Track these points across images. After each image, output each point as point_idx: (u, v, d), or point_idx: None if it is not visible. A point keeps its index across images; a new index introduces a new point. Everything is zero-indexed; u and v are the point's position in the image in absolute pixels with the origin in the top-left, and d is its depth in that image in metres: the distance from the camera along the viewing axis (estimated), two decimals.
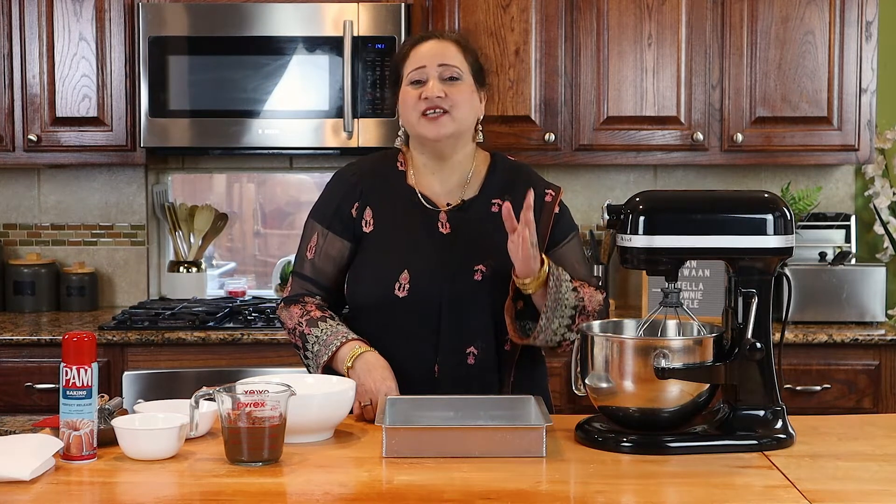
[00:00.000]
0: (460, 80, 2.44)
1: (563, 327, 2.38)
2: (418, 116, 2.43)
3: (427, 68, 2.43)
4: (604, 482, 1.89)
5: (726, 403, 2.15)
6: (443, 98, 2.41)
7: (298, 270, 2.55)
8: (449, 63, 2.43)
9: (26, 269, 4.11)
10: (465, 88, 2.44)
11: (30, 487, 1.83)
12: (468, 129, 2.49)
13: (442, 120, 2.42)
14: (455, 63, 2.44)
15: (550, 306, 2.35)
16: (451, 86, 2.43)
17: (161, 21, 3.79)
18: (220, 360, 3.58)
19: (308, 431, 2.10)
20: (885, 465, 1.98)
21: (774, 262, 2.13)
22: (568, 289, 2.37)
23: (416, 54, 2.46)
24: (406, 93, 2.45)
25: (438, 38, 2.48)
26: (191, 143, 3.84)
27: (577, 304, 2.37)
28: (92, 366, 1.97)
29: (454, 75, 2.43)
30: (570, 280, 2.40)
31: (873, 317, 3.76)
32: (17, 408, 3.52)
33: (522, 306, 2.44)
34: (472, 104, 2.47)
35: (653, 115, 3.86)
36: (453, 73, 2.43)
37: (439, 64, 2.43)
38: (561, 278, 2.37)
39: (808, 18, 3.83)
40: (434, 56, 2.44)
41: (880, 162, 4.12)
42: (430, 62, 2.43)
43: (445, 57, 2.44)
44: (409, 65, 2.46)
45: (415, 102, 2.43)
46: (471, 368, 2.42)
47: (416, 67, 2.43)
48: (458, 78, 2.44)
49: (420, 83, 2.43)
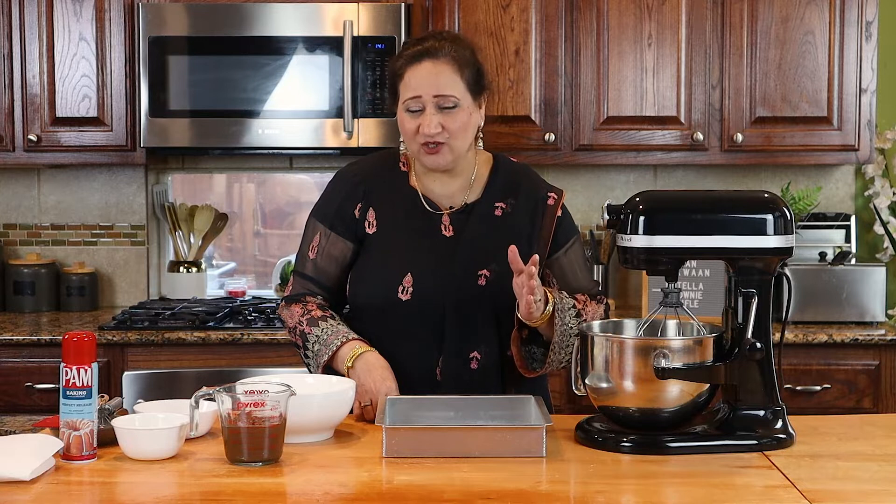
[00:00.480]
0: (457, 108, 2.39)
1: (567, 355, 2.38)
2: (417, 147, 2.41)
3: (423, 98, 2.38)
4: (604, 482, 1.89)
5: (726, 403, 2.15)
6: (440, 132, 2.38)
7: (300, 270, 2.54)
8: (444, 93, 2.38)
9: (26, 269, 4.11)
10: (461, 116, 2.39)
11: (30, 487, 1.84)
12: (468, 149, 2.47)
13: (441, 152, 2.40)
14: (450, 92, 2.38)
15: (557, 341, 2.36)
16: (447, 115, 2.38)
17: (161, 21, 3.79)
18: (220, 360, 3.58)
19: (308, 431, 2.10)
20: (885, 465, 1.98)
21: (774, 262, 2.13)
22: (572, 317, 2.38)
23: (411, 79, 2.39)
24: (404, 119, 2.41)
25: (433, 60, 2.39)
26: (191, 143, 3.84)
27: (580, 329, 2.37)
28: (92, 366, 1.97)
29: (450, 104, 2.38)
30: (574, 305, 2.40)
31: (873, 317, 3.76)
32: (17, 408, 3.52)
33: (527, 334, 2.44)
34: (471, 125, 2.43)
35: (653, 115, 3.86)
36: (450, 101, 2.38)
37: (435, 95, 2.38)
38: (565, 310, 2.37)
39: (808, 18, 3.83)
40: (430, 86, 2.38)
41: (880, 162, 4.12)
42: (426, 93, 2.37)
43: (440, 86, 2.38)
44: (405, 89, 2.40)
45: (413, 135, 2.40)
46: (474, 373, 2.42)
47: (411, 96, 2.38)
48: (455, 106, 2.39)
49: (416, 112, 2.39)
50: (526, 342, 2.44)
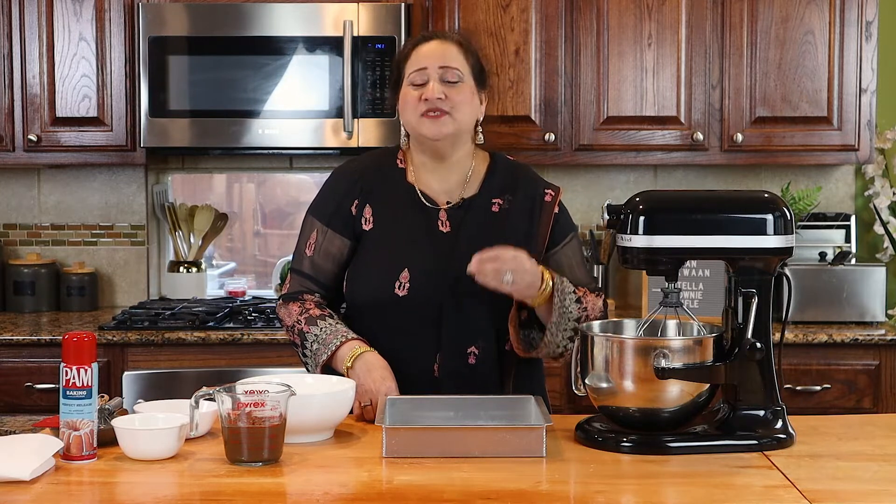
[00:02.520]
0: (461, 82, 2.44)
1: (565, 339, 2.39)
2: (419, 116, 2.43)
3: (428, 70, 2.43)
4: (604, 482, 1.89)
5: (726, 403, 2.15)
6: (443, 100, 2.41)
7: (297, 267, 2.54)
8: (450, 65, 2.43)
9: (26, 269, 4.11)
10: (465, 90, 2.44)
11: (30, 487, 1.84)
12: (468, 130, 2.49)
13: (442, 119, 2.42)
14: (456, 65, 2.44)
15: (555, 321, 2.37)
16: (451, 88, 2.43)
17: (161, 21, 3.79)
18: (220, 360, 3.58)
19: (308, 431, 2.10)
20: (885, 465, 1.98)
21: (774, 262, 2.13)
22: (572, 300, 2.38)
23: (417, 55, 2.46)
24: (407, 93, 2.45)
25: (440, 39, 2.48)
26: (191, 143, 3.84)
27: (580, 315, 2.38)
28: (92, 366, 1.97)
29: (455, 78, 2.43)
30: (574, 291, 2.40)
31: (873, 317, 3.76)
32: (17, 408, 3.52)
33: (526, 316, 2.44)
34: (473, 105, 2.47)
35: (653, 115, 3.86)
36: (454, 75, 2.43)
37: (440, 66, 2.43)
38: (565, 291, 2.37)
39: (808, 18, 3.83)
40: (435, 57, 2.44)
41: (880, 162, 4.12)
42: (431, 63, 2.43)
43: (446, 59, 2.44)
44: (411, 65, 2.45)
45: (415, 103, 2.43)
46: (472, 368, 2.42)
47: (417, 69, 2.43)
48: (459, 80, 2.44)
49: (421, 85, 2.43)
50: (525, 325, 2.44)
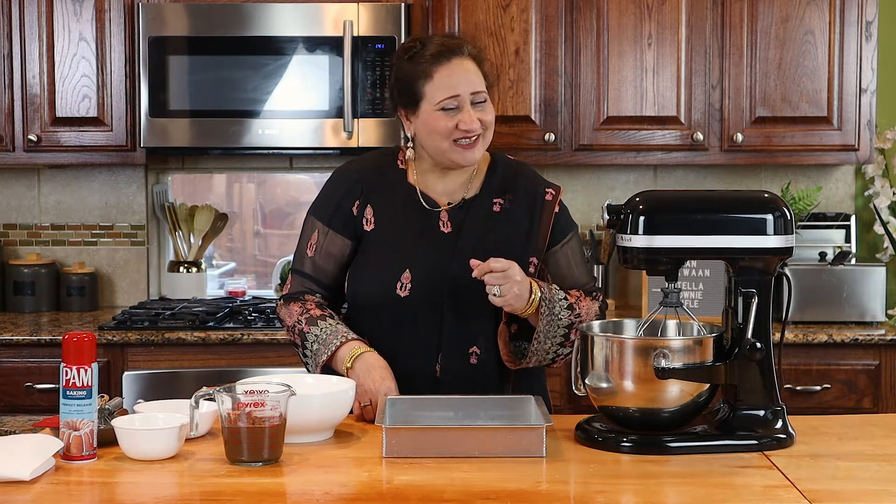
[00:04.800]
0: (486, 102, 2.45)
1: (555, 346, 2.39)
2: (451, 143, 2.41)
3: (461, 97, 2.40)
4: (604, 482, 1.89)
5: (726, 403, 2.15)
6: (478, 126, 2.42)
7: (298, 268, 2.54)
8: (478, 90, 2.43)
9: (26, 269, 4.11)
10: (490, 107, 2.46)
11: (30, 487, 1.84)
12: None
13: (476, 147, 2.43)
14: (483, 88, 2.44)
15: (543, 330, 2.37)
16: (481, 110, 2.43)
17: (161, 21, 3.79)
18: (220, 360, 3.58)
19: (308, 431, 2.10)
20: (885, 465, 1.98)
21: (774, 262, 2.13)
22: (562, 308, 2.38)
23: (445, 78, 2.40)
24: (437, 119, 2.40)
25: (460, 57, 2.42)
26: (191, 143, 3.84)
27: (573, 321, 2.38)
28: (92, 366, 1.97)
29: (482, 98, 2.44)
30: (566, 297, 2.40)
31: (873, 317, 3.76)
32: (17, 408, 3.52)
33: (516, 329, 2.44)
34: None
35: (653, 115, 3.86)
36: (481, 96, 2.43)
37: (472, 92, 2.41)
38: (553, 299, 2.37)
39: (808, 18, 3.83)
40: (466, 83, 2.41)
41: (880, 162, 4.12)
42: (464, 91, 2.40)
43: (473, 83, 2.42)
44: (437, 90, 2.40)
45: (449, 131, 2.41)
46: (473, 368, 2.42)
47: (449, 96, 2.39)
48: (485, 100, 2.44)
49: (451, 110, 2.40)
50: (515, 337, 2.45)
